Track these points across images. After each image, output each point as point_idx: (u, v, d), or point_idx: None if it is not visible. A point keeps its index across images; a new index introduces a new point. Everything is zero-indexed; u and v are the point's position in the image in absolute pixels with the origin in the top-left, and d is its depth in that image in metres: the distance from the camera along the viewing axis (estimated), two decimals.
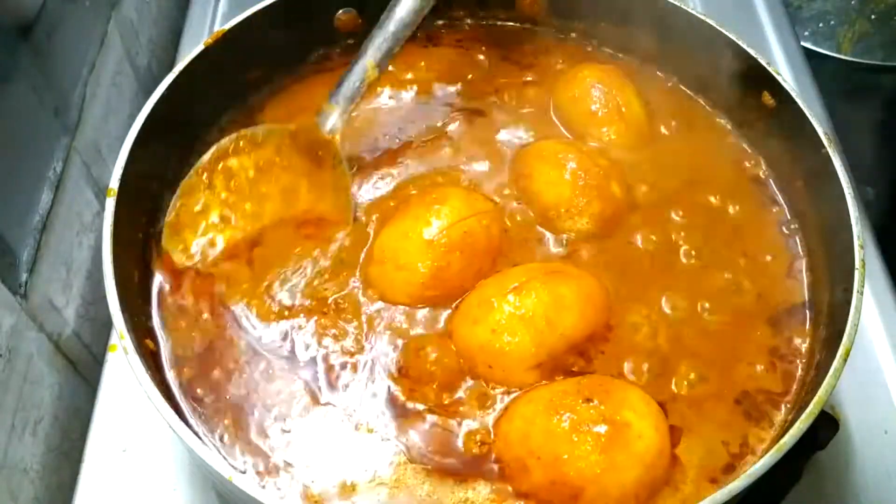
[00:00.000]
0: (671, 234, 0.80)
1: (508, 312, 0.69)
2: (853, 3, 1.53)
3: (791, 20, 1.23)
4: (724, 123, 0.90)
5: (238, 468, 0.65)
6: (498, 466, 0.65)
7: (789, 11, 1.25)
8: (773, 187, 0.84)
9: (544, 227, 0.79)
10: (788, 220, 0.82)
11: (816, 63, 1.17)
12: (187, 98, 0.80)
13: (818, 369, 0.68)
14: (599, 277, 0.75)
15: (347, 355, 0.71)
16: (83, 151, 0.94)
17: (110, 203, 0.70)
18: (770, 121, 0.84)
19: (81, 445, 0.82)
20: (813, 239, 0.78)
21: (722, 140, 0.89)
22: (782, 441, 0.59)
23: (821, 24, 1.50)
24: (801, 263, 0.79)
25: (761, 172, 0.86)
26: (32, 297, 0.81)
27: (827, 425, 0.72)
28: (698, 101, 0.92)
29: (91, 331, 0.92)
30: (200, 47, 0.81)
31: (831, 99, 1.11)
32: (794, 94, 0.79)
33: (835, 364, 0.62)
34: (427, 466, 0.65)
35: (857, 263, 0.67)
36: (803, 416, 0.60)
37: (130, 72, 1.11)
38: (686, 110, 0.91)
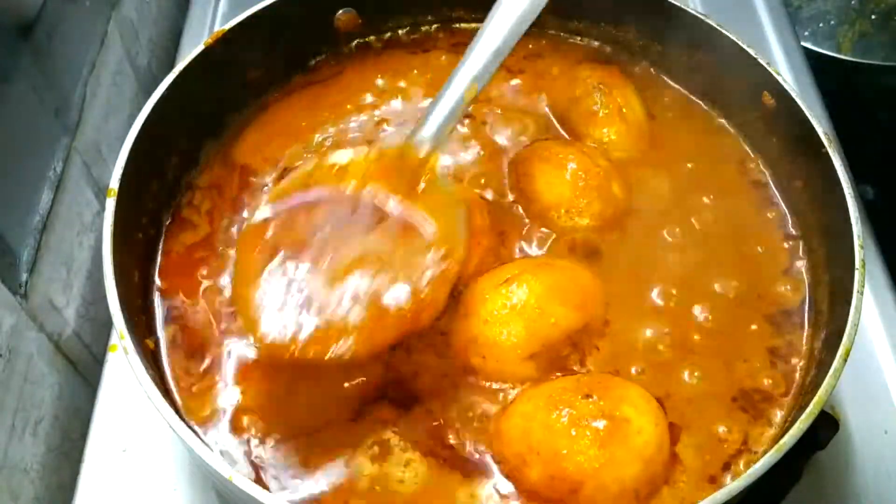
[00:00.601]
0: (671, 234, 0.80)
1: (500, 303, 0.69)
2: (853, 3, 1.53)
3: (791, 20, 1.23)
4: (724, 123, 0.90)
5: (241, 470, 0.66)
6: (499, 462, 0.66)
7: (789, 11, 1.25)
8: (773, 187, 0.84)
9: (545, 228, 0.79)
10: (788, 220, 0.82)
11: (816, 63, 1.17)
12: (187, 98, 0.80)
13: (818, 369, 0.68)
14: (599, 277, 0.75)
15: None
16: (83, 151, 0.94)
17: (110, 203, 0.70)
18: (770, 121, 0.84)
19: (81, 445, 0.82)
20: (813, 239, 0.78)
21: (722, 140, 0.89)
22: (782, 441, 0.59)
23: (821, 24, 1.50)
24: (801, 263, 0.79)
25: (761, 173, 0.86)
26: (33, 297, 0.81)
27: (827, 425, 0.72)
28: (698, 101, 0.92)
29: (91, 331, 0.92)
30: (200, 47, 0.81)
31: (831, 99, 1.11)
32: (794, 94, 0.79)
33: (835, 364, 0.62)
34: (433, 464, 0.66)
35: (857, 263, 0.67)
36: (803, 415, 0.60)
37: (130, 72, 1.11)
38: (686, 110, 0.91)
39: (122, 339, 0.63)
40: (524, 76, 0.93)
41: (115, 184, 0.71)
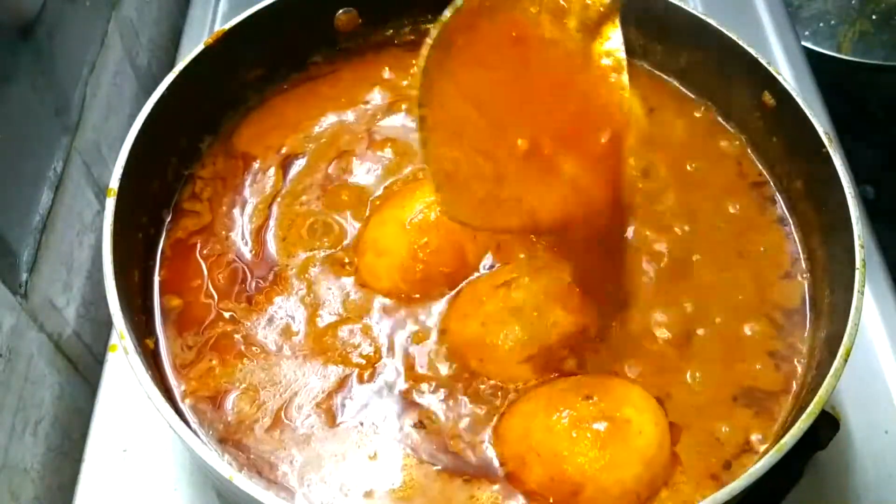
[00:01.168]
0: (671, 234, 0.80)
1: (498, 306, 0.69)
2: (853, 2, 1.53)
3: (791, 20, 1.23)
4: (725, 123, 0.90)
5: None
6: (500, 464, 0.66)
7: (789, 11, 1.25)
8: (773, 187, 0.84)
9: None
10: (788, 220, 0.82)
11: (817, 63, 1.17)
12: (188, 98, 0.80)
13: (819, 369, 0.68)
14: (601, 279, 0.75)
15: (348, 354, 0.71)
16: (83, 151, 0.94)
17: (111, 203, 0.70)
18: (770, 121, 0.84)
19: (82, 445, 0.82)
20: (813, 239, 0.78)
21: (722, 140, 0.89)
22: (782, 441, 0.59)
23: (821, 24, 1.50)
24: (801, 263, 0.79)
25: (761, 172, 0.86)
26: (33, 297, 0.81)
27: (827, 425, 0.71)
28: (698, 100, 0.92)
29: (91, 331, 0.92)
30: (200, 47, 0.81)
31: (831, 99, 1.11)
32: (794, 94, 0.79)
33: (835, 364, 0.62)
34: (436, 467, 0.66)
35: (858, 263, 0.67)
36: (804, 415, 0.60)
37: (131, 72, 1.11)
38: (686, 110, 0.91)
39: (122, 339, 0.63)
40: None
41: (115, 183, 0.71)
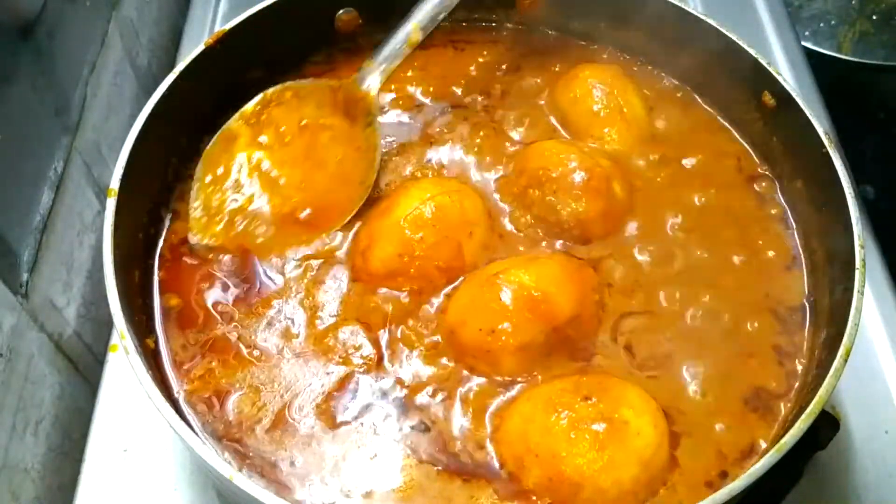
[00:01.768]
0: (672, 234, 0.80)
1: (490, 296, 0.70)
2: (854, 2, 1.53)
3: (791, 20, 1.23)
4: (724, 123, 0.90)
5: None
6: (499, 465, 0.66)
7: (790, 11, 1.25)
8: (773, 187, 0.84)
9: (545, 228, 0.79)
10: (788, 220, 0.82)
11: (817, 63, 1.17)
12: (188, 98, 0.80)
13: (819, 369, 0.68)
14: (600, 275, 0.75)
15: (350, 357, 0.71)
16: (84, 151, 0.94)
17: (111, 203, 0.70)
18: (770, 121, 0.84)
19: (82, 445, 0.82)
20: (813, 239, 0.78)
21: (722, 139, 0.89)
22: (782, 441, 0.59)
23: (821, 24, 1.50)
24: (801, 263, 0.79)
25: (761, 172, 0.86)
26: (33, 297, 0.81)
27: (827, 425, 0.72)
28: (698, 100, 0.92)
29: (92, 330, 0.92)
30: (200, 47, 0.81)
31: (831, 99, 1.11)
32: (794, 94, 0.79)
33: (835, 364, 0.62)
34: (435, 468, 0.66)
35: (858, 263, 0.67)
36: (804, 415, 0.60)
37: (131, 72, 1.11)
38: (686, 110, 0.91)
39: (122, 339, 0.63)
40: (524, 76, 0.93)
41: (115, 183, 0.71)
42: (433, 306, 0.74)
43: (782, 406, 0.70)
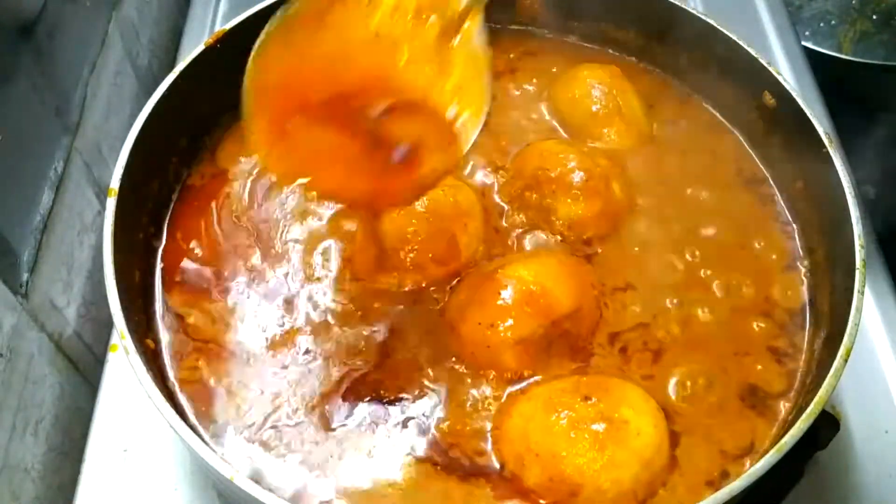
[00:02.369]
0: (671, 234, 0.80)
1: (489, 291, 0.70)
2: (854, 2, 1.53)
3: (792, 20, 1.23)
4: (725, 123, 0.90)
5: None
6: (499, 464, 0.66)
7: (790, 11, 1.25)
8: (774, 187, 0.84)
9: (545, 228, 0.79)
10: (788, 221, 0.82)
11: (817, 63, 1.17)
12: (188, 98, 0.80)
13: (819, 369, 0.68)
14: (599, 275, 0.75)
15: (348, 356, 0.71)
16: (84, 151, 0.94)
17: (111, 203, 0.70)
18: (770, 121, 0.84)
19: (82, 445, 0.82)
20: (813, 239, 0.78)
21: (722, 139, 0.89)
22: (782, 441, 0.59)
23: (821, 24, 1.50)
24: (801, 263, 0.79)
25: (761, 172, 0.86)
26: (33, 297, 0.81)
27: (827, 425, 0.71)
28: (698, 100, 0.92)
29: (92, 330, 0.93)
30: (201, 47, 0.81)
31: (831, 99, 1.11)
32: (794, 94, 0.79)
33: (835, 364, 0.62)
34: (435, 467, 0.66)
35: (858, 263, 0.67)
36: (804, 415, 0.60)
37: (131, 72, 1.11)
38: (686, 110, 0.91)
39: (122, 339, 0.63)
40: (524, 76, 0.93)
41: (115, 183, 0.71)
42: (431, 302, 0.74)
43: (782, 406, 0.70)
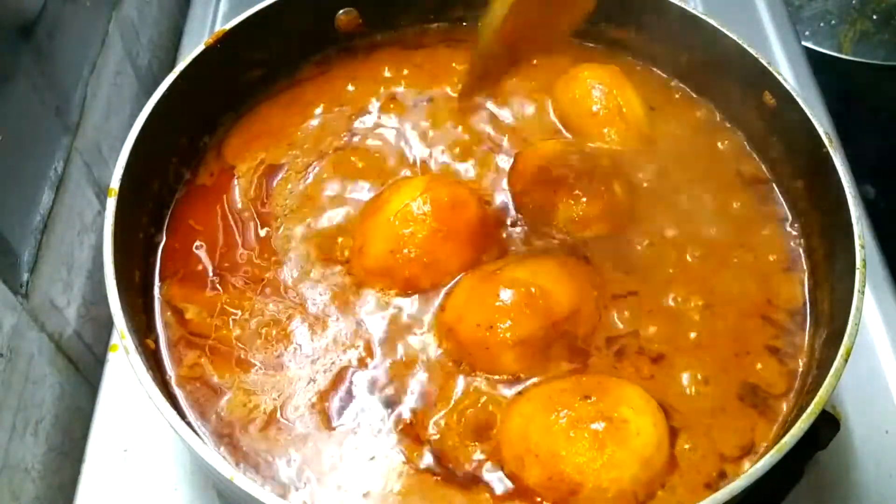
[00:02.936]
0: (672, 234, 0.80)
1: (488, 292, 0.70)
2: (854, 2, 1.53)
3: (792, 20, 1.23)
4: (725, 123, 0.90)
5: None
6: (499, 464, 0.66)
7: (790, 11, 1.25)
8: (774, 187, 0.84)
9: (545, 228, 0.79)
10: (788, 220, 0.82)
11: (817, 63, 1.17)
12: (188, 98, 0.80)
13: (819, 369, 0.68)
14: (598, 275, 0.75)
15: (349, 355, 0.71)
16: (84, 151, 0.94)
17: (111, 203, 0.70)
18: (770, 121, 0.84)
19: (82, 445, 0.82)
20: (813, 239, 0.78)
21: (723, 139, 0.89)
22: (783, 441, 0.59)
23: (822, 24, 1.50)
24: (801, 263, 0.79)
25: (761, 172, 0.86)
26: (34, 297, 0.81)
27: (828, 425, 0.71)
28: (699, 100, 0.92)
29: (92, 330, 0.93)
30: (201, 47, 0.81)
31: (832, 99, 1.11)
32: (794, 94, 0.79)
33: (836, 364, 0.62)
34: (434, 466, 0.66)
35: (858, 263, 0.67)
36: (804, 415, 0.60)
37: (131, 72, 1.11)
38: (686, 110, 0.91)
39: (122, 339, 0.63)
40: (524, 76, 0.93)
41: (115, 183, 0.71)
42: (430, 303, 0.74)
43: (782, 406, 0.70)
